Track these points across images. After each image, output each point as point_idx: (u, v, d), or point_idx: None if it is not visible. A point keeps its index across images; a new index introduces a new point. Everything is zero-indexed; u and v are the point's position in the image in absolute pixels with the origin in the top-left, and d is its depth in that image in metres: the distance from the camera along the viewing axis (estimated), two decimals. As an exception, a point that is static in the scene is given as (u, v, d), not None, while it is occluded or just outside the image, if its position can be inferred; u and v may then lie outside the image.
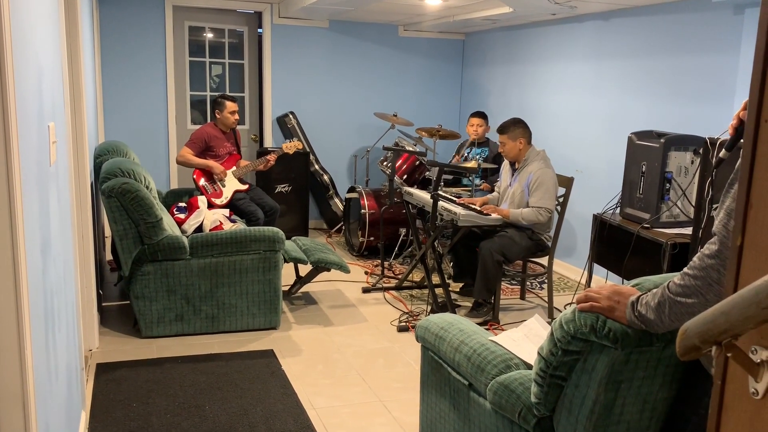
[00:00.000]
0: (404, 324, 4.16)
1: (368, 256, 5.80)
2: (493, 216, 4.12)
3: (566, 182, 4.38)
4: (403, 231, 5.67)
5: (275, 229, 3.94)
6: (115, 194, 3.57)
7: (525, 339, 2.19)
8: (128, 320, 4.05)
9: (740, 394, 0.87)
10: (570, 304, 1.75)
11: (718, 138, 3.20)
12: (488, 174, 5.62)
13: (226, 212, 4.66)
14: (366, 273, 5.33)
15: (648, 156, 3.80)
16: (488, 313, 4.24)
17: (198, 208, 4.48)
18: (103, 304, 4.30)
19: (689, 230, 3.60)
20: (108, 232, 5.12)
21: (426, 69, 7.15)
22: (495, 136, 4.60)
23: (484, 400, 2.03)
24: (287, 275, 4.58)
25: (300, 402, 3.12)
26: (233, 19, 6.61)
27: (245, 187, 5.22)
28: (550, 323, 1.79)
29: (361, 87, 6.95)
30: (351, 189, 6.06)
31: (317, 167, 6.62)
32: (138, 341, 3.79)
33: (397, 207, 5.57)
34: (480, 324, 3.68)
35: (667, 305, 1.49)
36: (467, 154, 5.80)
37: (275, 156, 5.33)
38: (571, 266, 5.52)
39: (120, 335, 3.87)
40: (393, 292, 4.81)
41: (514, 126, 4.27)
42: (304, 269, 4.59)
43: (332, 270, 4.40)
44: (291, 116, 6.60)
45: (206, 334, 3.90)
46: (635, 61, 4.81)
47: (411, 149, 5.40)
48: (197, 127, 5.57)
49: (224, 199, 5.07)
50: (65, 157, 2.52)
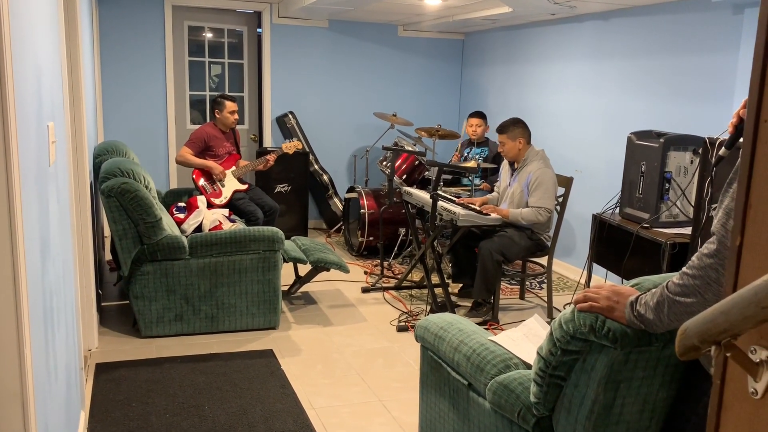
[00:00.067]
0: (404, 324, 4.16)
1: (368, 256, 5.80)
2: (493, 216, 4.11)
3: (566, 182, 4.38)
4: (403, 231, 5.67)
5: (274, 229, 3.94)
6: (115, 194, 3.57)
7: (524, 339, 2.19)
8: (127, 320, 4.05)
9: (739, 394, 0.87)
10: (569, 304, 1.75)
11: (718, 138, 3.21)
12: (488, 174, 5.62)
13: (226, 212, 4.66)
14: (365, 273, 5.33)
15: (647, 156, 3.80)
16: (488, 313, 4.24)
17: (197, 208, 4.48)
18: (103, 304, 4.30)
19: (689, 230, 3.60)
20: (107, 232, 5.12)
21: (425, 69, 7.15)
22: (494, 136, 4.60)
23: (484, 400, 2.03)
24: (286, 275, 4.58)
25: (299, 402, 3.12)
26: (233, 19, 6.61)
27: (245, 187, 5.22)
28: (550, 323, 1.79)
29: (361, 87, 6.94)
30: (350, 189, 6.06)
31: (317, 167, 6.62)
32: (137, 341, 3.79)
33: (397, 207, 5.57)
34: (479, 324, 3.68)
35: (666, 305, 1.49)
36: (467, 154, 5.80)
37: (275, 156, 5.33)
38: (571, 266, 5.52)
39: (119, 335, 3.87)
40: (392, 292, 4.81)
41: (514, 126, 4.27)
42: (304, 269, 4.59)
43: (332, 270, 4.40)
44: (290, 116, 6.60)
45: (206, 334, 3.90)
46: (635, 61, 4.81)
47: (410, 149, 5.40)
48: (197, 127, 5.57)
49: (223, 199, 5.07)
50: (64, 157, 2.51)
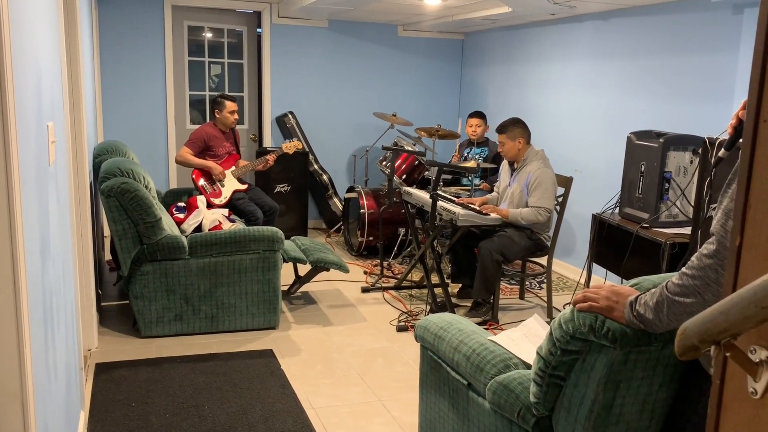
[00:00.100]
0: (403, 324, 4.16)
1: (367, 256, 5.80)
2: (493, 216, 4.11)
3: (565, 182, 4.38)
4: (403, 231, 5.67)
5: (274, 229, 3.94)
6: (114, 194, 3.57)
7: (524, 339, 2.19)
8: (127, 320, 4.05)
9: (739, 394, 0.87)
10: (568, 304, 1.75)
11: (717, 138, 3.21)
12: (488, 174, 5.62)
13: (225, 212, 4.66)
14: (365, 273, 5.33)
15: (647, 156, 3.80)
16: (487, 313, 4.24)
17: (197, 208, 4.48)
18: (102, 304, 4.30)
19: (688, 230, 3.60)
20: (107, 232, 5.12)
21: (425, 69, 7.15)
22: (494, 136, 4.60)
23: (483, 400, 2.03)
24: (286, 275, 4.58)
25: (299, 402, 3.12)
26: (232, 19, 6.61)
27: (244, 187, 5.21)
28: (549, 323, 1.79)
29: (361, 87, 6.94)
30: (350, 189, 6.06)
31: (316, 167, 6.62)
32: (137, 341, 3.79)
33: (397, 207, 5.57)
34: (479, 324, 3.68)
35: (666, 305, 1.50)
36: (467, 154, 5.80)
37: (274, 156, 5.33)
38: (570, 266, 5.52)
39: (119, 335, 3.87)
40: (392, 292, 4.81)
41: (513, 126, 4.27)
42: (303, 269, 4.59)
43: (331, 270, 4.40)
44: (290, 116, 6.60)
45: (205, 334, 3.90)
46: (634, 61, 4.81)
47: (410, 149, 5.40)
48: (196, 127, 5.57)
49: (223, 199, 5.07)
50: (64, 157, 2.51)
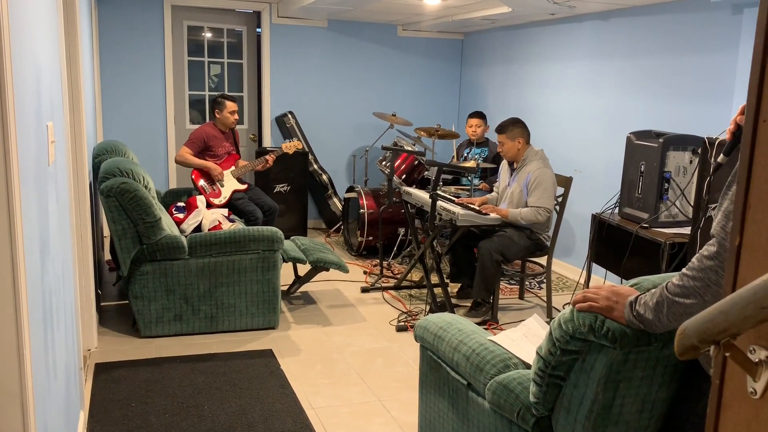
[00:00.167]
0: (403, 324, 4.16)
1: (367, 256, 5.80)
2: (492, 216, 4.12)
3: (565, 182, 4.38)
4: (402, 231, 5.67)
5: (274, 229, 3.94)
6: (114, 194, 3.57)
7: (524, 339, 2.19)
8: (127, 320, 4.05)
9: (739, 394, 0.87)
10: (568, 304, 1.76)
11: (717, 138, 3.21)
12: (487, 174, 5.62)
13: (225, 212, 4.66)
14: (365, 273, 5.33)
15: (646, 156, 3.80)
16: (487, 313, 4.24)
17: (196, 208, 4.48)
18: (102, 304, 4.30)
19: (688, 230, 3.60)
20: (107, 232, 5.12)
21: (425, 69, 7.15)
22: (494, 136, 4.60)
23: (483, 400, 2.03)
24: (286, 275, 4.59)
25: (299, 402, 3.12)
26: (232, 19, 6.61)
27: (244, 187, 5.21)
28: (549, 323, 1.79)
29: (360, 87, 6.94)
30: (350, 189, 6.06)
31: (316, 167, 6.62)
32: (137, 341, 3.79)
33: (396, 207, 5.57)
34: (479, 324, 3.68)
35: (666, 305, 1.50)
36: (466, 155, 5.80)
37: (274, 156, 5.33)
38: (570, 266, 5.52)
39: (119, 335, 3.87)
40: (392, 292, 4.81)
41: (513, 126, 4.27)
42: (303, 269, 4.59)
43: (331, 270, 4.40)
44: (290, 116, 6.60)
45: (205, 334, 3.90)
46: (634, 61, 4.81)
47: (410, 149, 5.40)
48: (196, 127, 5.57)
49: (223, 199, 5.07)
50: (64, 157, 2.51)
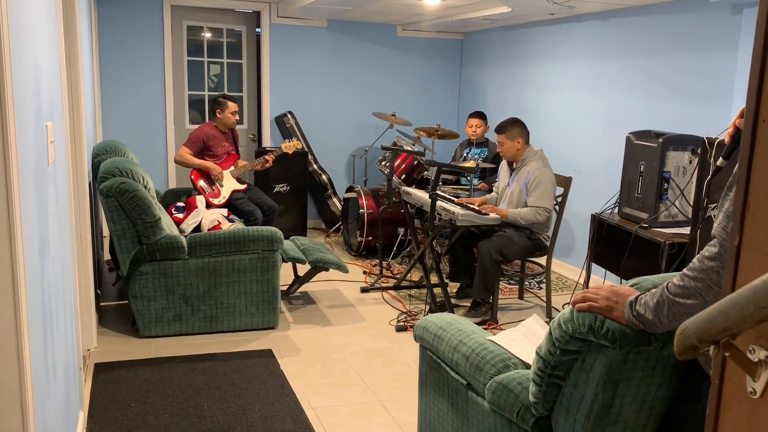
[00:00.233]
0: (402, 324, 4.16)
1: (367, 256, 5.80)
2: (492, 216, 4.12)
3: (564, 182, 4.38)
4: (402, 231, 5.67)
5: (273, 229, 3.94)
6: (114, 194, 3.57)
7: (523, 339, 2.19)
8: (126, 320, 4.05)
9: (738, 394, 0.87)
10: (567, 304, 1.76)
11: (716, 138, 3.21)
12: (487, 174, 5.62)
13: (225, 212, 4.66)
14: (364, 273, 5.32)
15: (646, 156, 3.80)
16: (486, 313, 4.24)
17: (196, 208, 4.48)
18: (102, 304, 4.30)
19: (687, 230, 3.60)
20: (106, 232, 5.12)
21: (424, 69, 7.15)
22: (494, 136, 4.60)
23: (483, 400, 2.03)
24: (285, 275, 4.59)
25: (298, 402, 3.12)
26: (231, 19, 6.61)
27: (243, 187, 5.21)
28: (549, 323, 1.79)
29: (360, 87, 6.94)
30: (349, 189, 6.06)
31: (315, 167, 6.62)
32: (136, 341, 3.79)
33: (396, 207, 5.57)
34: (478, 324, 3.68)
35: (666, 305, 1.49)
36: (466, 155, 5.80)
37: (274, 156, 5.32)
38: (570, 266, 5.52)
39: (118, 335, 3.87)
40: (391, 292, 4.81)
41: (512, 126, 4.27)
42: (303, 269, 4.58)
43: (330, 270, 4.40)
44: (289, 116, 6.60)
45: (204, 334, 3.90)
46: (633, 61, 4.82)
47: (409, 149, 5.40)
48: (195, 127, 5.56)
49: (222, 199, 5.07)
50: (63, 157, 2.51)
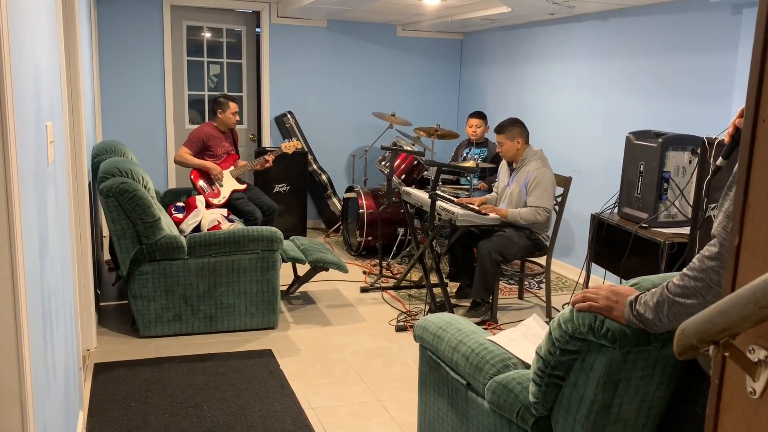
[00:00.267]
0: (402, 324, 4.16)
1: (366, 256, 5.80)
2: (492, 216, 4.12)
3: (564, 182, 4.38)
4: (402, 231, 5.67)
5: (273, 229, 3.94)
6: (113, 194, 3.57)
7: (523, 338, 2.19)
8: (126, 320, 4.05)
9: (738, 394, 0.87)
10: (567, 304, 1.76)
11: (716, 138, 3.21)
12: (486, 174, 5.62)
13: (224, 212, 4.66)
14: (364, 273, 5.32)
15: (646, 156, 3.81)
16: (486, 313, 4.24)
17: (196, 208, 4.48)
18: (101, 304, 4.30)
19: (687, 230, 3.60)
20: (106, 232, 5.12)
21: (424, 69, 7.15)
22: (493, 136, 4.60)
23: (483, 400, 2.03)
24: (285, 275, 4.59)
25: (298, 402, 3.12)
26: (231, 19, 6.61)
27: (243, 187, 5.21)
28: (548, 323, 1.79)
29: (360, 87, 6.94)
30: (349, 189, 6.06)
31: (315, 167, 6.62)
32: (136, 341, 3.79)
33: (396, 207, 5.57)
34: (478, 323, 3.68)
35: (666, 305, 1.49)
36: (466, 155, 5.80)
37: (273, 156, 5.32)
38: (569, 266, 5.52)
39: (118, 335, 3.87)
40: (391, 292, 4.81)
41: (512, 126, 4.27)
42: (303, 269, 4.58)
43: (330, 270, 4.40)
44: (289, 116, 6.60)
45: (204, 334, 3.90)
46: (633, 61, 4.82)
47: (409, 149, 5.40)
48: (195, 127, 5.56)
49: (222, 199, 5.07)
50: (63, 157, 2.51)
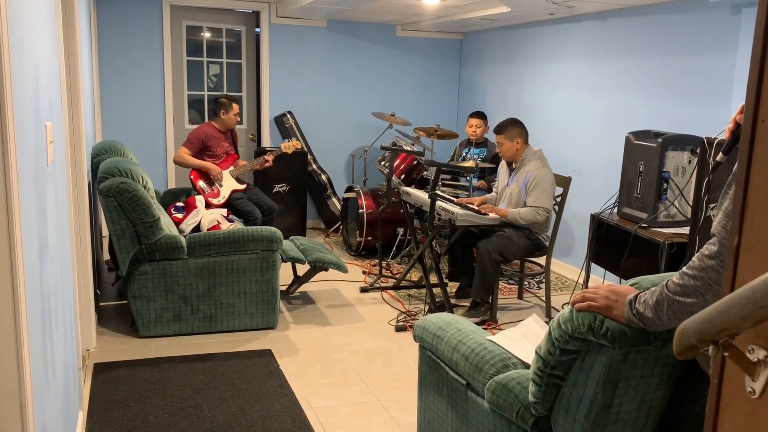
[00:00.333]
0: (402, 323, 4.16)
1: (366, 256, 5.80)
2: (491, 215, 4.12)
3: (564, 182, 4.38)
4: (401, 230, 5.67)
5: (273, 229, 3.94)
6: (113, 194, 3.57)
7: (523, 338, 2.19)
8: (126, 320, 4.05)
9: (737, 394, 0.87)
10: (567, 304, 1.76)
11: (716, 138, 3.21)
12: (486, 174, 5.63)
13: (224, 212, 4.66)
14: (364, 273, 5.32)
15: (645, 156, 3.81)
16: (486, 313, 4.24)
17: (195, 208, 4.48)
18: (101, 304, 4.30)
19: (686, 230, 3.60)
20: (105, 232, 5.12)
21: (424, 69, 7.15)
22: (493, 136, 4.60)
23: (482, 400, 2.03)
24: (285, 275, 4.58)
25: (298, 402, 3.12)
26: (231, 19, 6.61)
27: (243, 187, 5.21)
28: (548, 323, 1.79)
29: (359, 87, 6.94)
30: (349, 189, 6.06)
31: (315, 167, 6.62)
32: (135, 341, 3.79)
33: (395, 206, 5.57)
34: (478, 323, 3.68)
35: (666, 304, 1.49)
36: (465, 154, 5.80)
37: (273, 156, 5.32)
38: (569, 266, 5.52)
39: (117, 335, 3.87)
40: (391, 292, 4.81)
41: (511, 126, 4.27)
42: (302, 269, 4.58)
43: (330, 269, 4.40)
44: (289, 116, 6.60)
45: (204, 334, 3.90)
46: (633, 61, 4.82)
47: (409, 149, 5.41)
48: (194, 127, 5.56)
49: (221, 199, 5.07)
50: (62, 157, 2.51)
